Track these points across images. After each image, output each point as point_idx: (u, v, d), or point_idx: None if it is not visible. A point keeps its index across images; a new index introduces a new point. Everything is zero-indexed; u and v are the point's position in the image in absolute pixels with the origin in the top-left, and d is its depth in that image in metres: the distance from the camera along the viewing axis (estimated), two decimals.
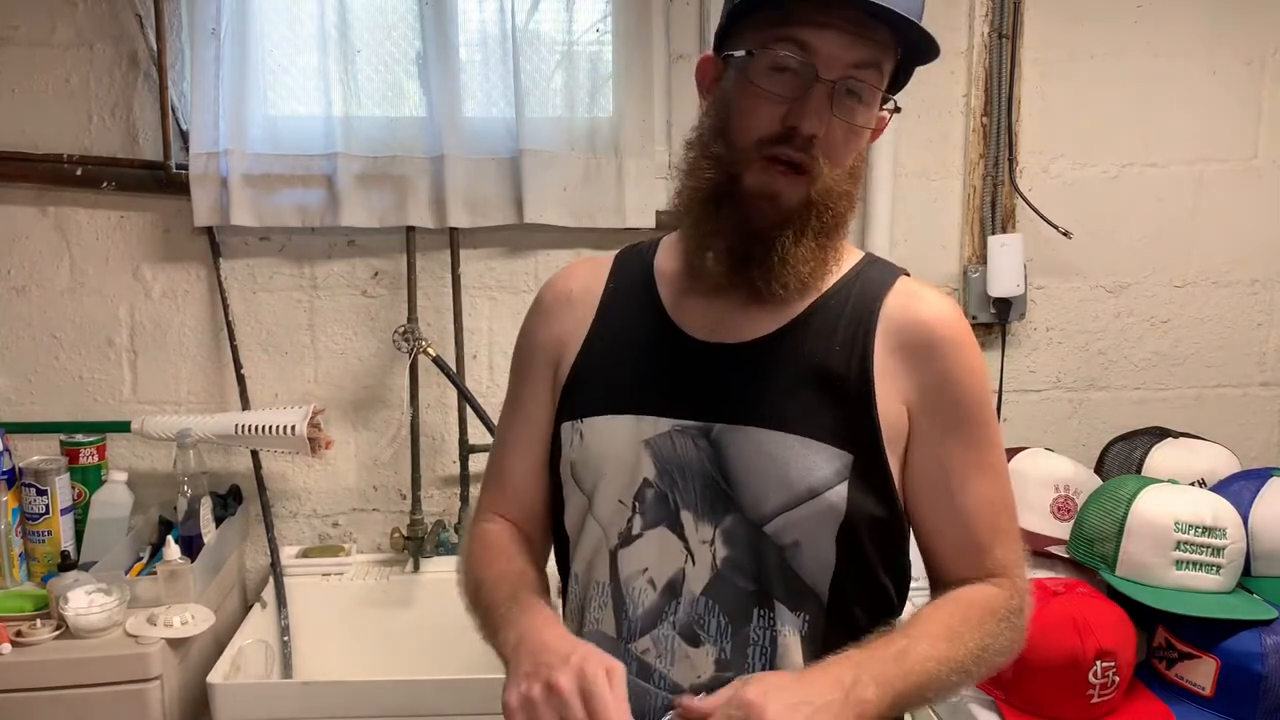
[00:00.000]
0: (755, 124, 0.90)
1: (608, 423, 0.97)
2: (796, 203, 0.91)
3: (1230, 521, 1.49)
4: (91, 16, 1.90)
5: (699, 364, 0.97)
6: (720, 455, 0.93)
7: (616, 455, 0.96)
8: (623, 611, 0.96)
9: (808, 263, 0.93)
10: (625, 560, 0.96)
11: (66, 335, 1.99)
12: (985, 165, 2.04)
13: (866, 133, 0.94)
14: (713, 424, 0.93)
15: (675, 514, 0.94)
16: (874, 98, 0.91)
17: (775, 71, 0.90)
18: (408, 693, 1.58)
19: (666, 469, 0.94)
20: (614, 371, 1.00)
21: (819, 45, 0.88)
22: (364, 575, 1.99)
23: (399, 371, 2.02)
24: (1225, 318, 2.12)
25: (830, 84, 0.88)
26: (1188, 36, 2.03)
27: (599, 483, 0.97)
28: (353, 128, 1.92)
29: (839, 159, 0.92)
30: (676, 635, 0.93)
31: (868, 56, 0.89)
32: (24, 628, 1.56)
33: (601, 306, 1.05)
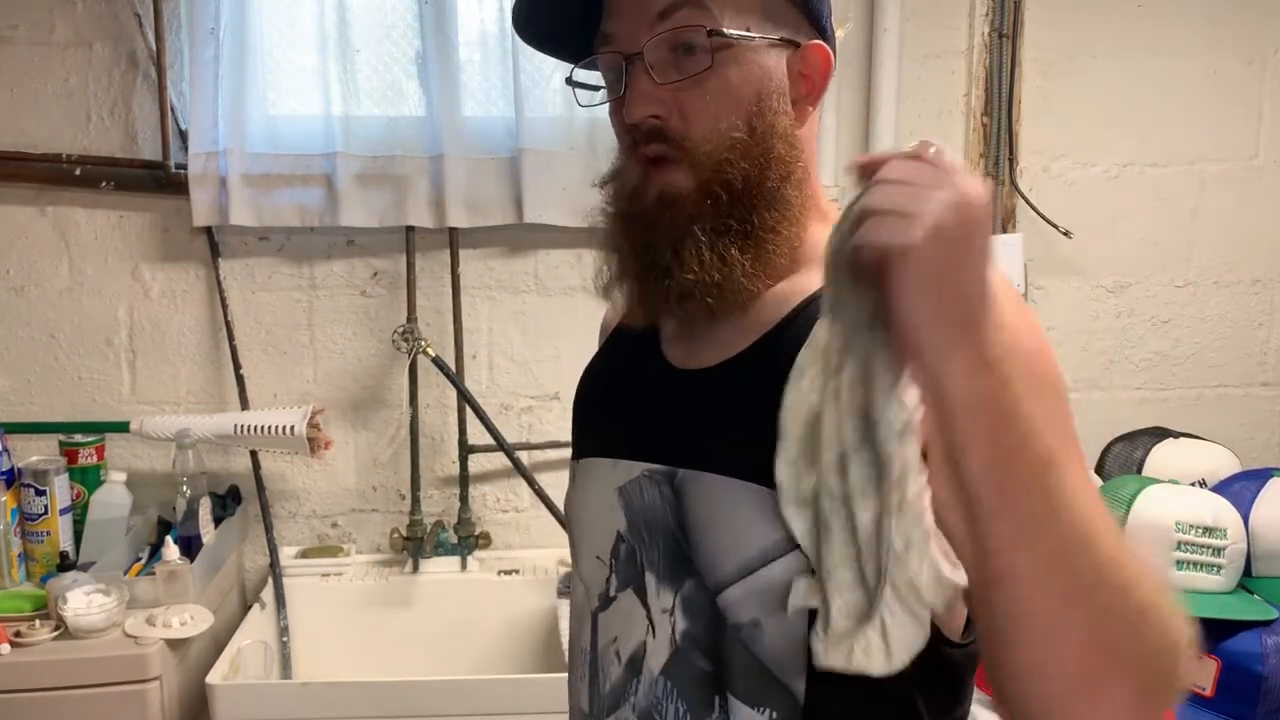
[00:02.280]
0: (619, 140, 0.80)
1: (593, 466, 0.85)
2: (686, 189, 0.75)
3: (1231, 522, 1.48)
4: (90, 16, 1.90)
5: (668, 394, 0.81)
6: (681, 506, 0.75)
7: (596, 505, 0.83)
8: (595, 685, 0.82)
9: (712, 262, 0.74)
10: (604, 626, 0.82)
11: (65, 335, 1.99)
12: (985, 165, 2.04)
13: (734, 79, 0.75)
14: (676, 469, 0.76)
15: (641, 574, 0.78)
16: (705, 37, 0.73)
17: (608, 76, 0.79)
18: (407, 693, 1.58)
19: (635, 521, 0.79)
20: (607, 406, 0.88)
21: (613, 27, 0.76)
22: (363, 576, 1.99)
23: (398, 371, 2.02)
24: (1226, 318, 2.12)
25: (638, 55, 0.74)
26: (1188, 36, 2.03)
27: (582, 535, 0.85)
28: (352, 127, 1.91)
29: (708, 120, 0.74)
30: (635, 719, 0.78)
31: (667, 2, 0.73)
32: (23, 628, 1.56)
33: (611, 335, 0.93)
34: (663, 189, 0.76)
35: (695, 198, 0.75)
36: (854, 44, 1.99)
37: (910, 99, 2.01)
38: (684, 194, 0.75)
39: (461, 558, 2.01)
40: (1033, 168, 2.05)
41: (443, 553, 2.02)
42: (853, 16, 1.98)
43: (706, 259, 0.74)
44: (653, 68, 0.75)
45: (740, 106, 0.75)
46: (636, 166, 0.78)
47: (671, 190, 0.76)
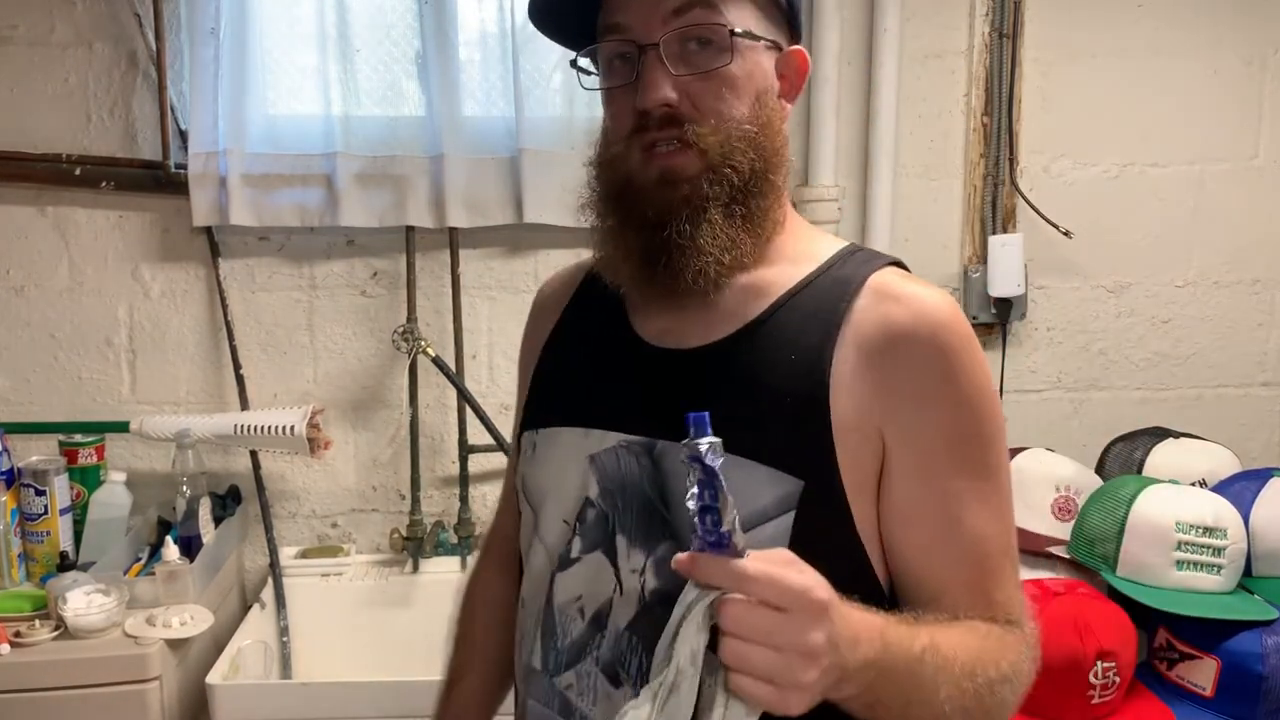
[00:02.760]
0: (620, 122, 0.84)
1: (558, 435, 0.89)
2: (692, 174, 0.81)
3: (1231, 522, 1.48)
4: (90, 16, 1.90)
5: (648, 373, 0.86)
6: (660, 475, 0.81)
7: (562, 471, 0.87)
8: (551, 641, 0.86)
9: (718, 239, 0.81)
10: (561, 585, 0.86)
11: (65, 335, 1.99)
12: (986, 165, 2.04)
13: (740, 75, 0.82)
14: (656, 440, 0.82)
15: (611, 538, 0.83)
16: (722, 35, 0.80)
17: (616, 62, 0.84)
18: (407, 693, 1.58)
19: (609, 488, 0.84)
20: (570, 379, 0.92)
21: (627, 18, 0.81)
22: (363, 576, 1.99)
23: (398, 371, 2.02)
24: (1226, 318, 2.12)
25: (655, 46, 0.80)
26: (1188, 36, 2.03)
27: (546, 499, 0.89)
28: (352, 127, 1.91)
29: (718, 113, 0.81)
30: (599, 672, 0.82)
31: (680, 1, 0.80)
32: (23, 628, 1.56)
33: (568, 308, 0.98)
34: (666, 171, 0.81)
35: (702, 182, 0.81)
36: (854, 44, 1.99)
37: (910, 99, 2.01)
38: (689, 177, 0.81)
39: (461, 558, 2.01)
40: (1033, 168, 2.05)
41: (443, 553, 2.02)
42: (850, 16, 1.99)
43: (720, 239, 0.81)
44: (669, 59, 0.80)
45: (745, 101, 0.82)
46: (637, 151, 0.83)
47: (676, 173, 0.81)
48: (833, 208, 1.98)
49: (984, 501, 0.82)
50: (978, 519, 0.81)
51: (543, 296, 1.03)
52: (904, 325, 0.80)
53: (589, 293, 0.96)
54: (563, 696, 0.85)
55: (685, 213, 0.81)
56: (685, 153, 0.81)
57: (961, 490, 0.81)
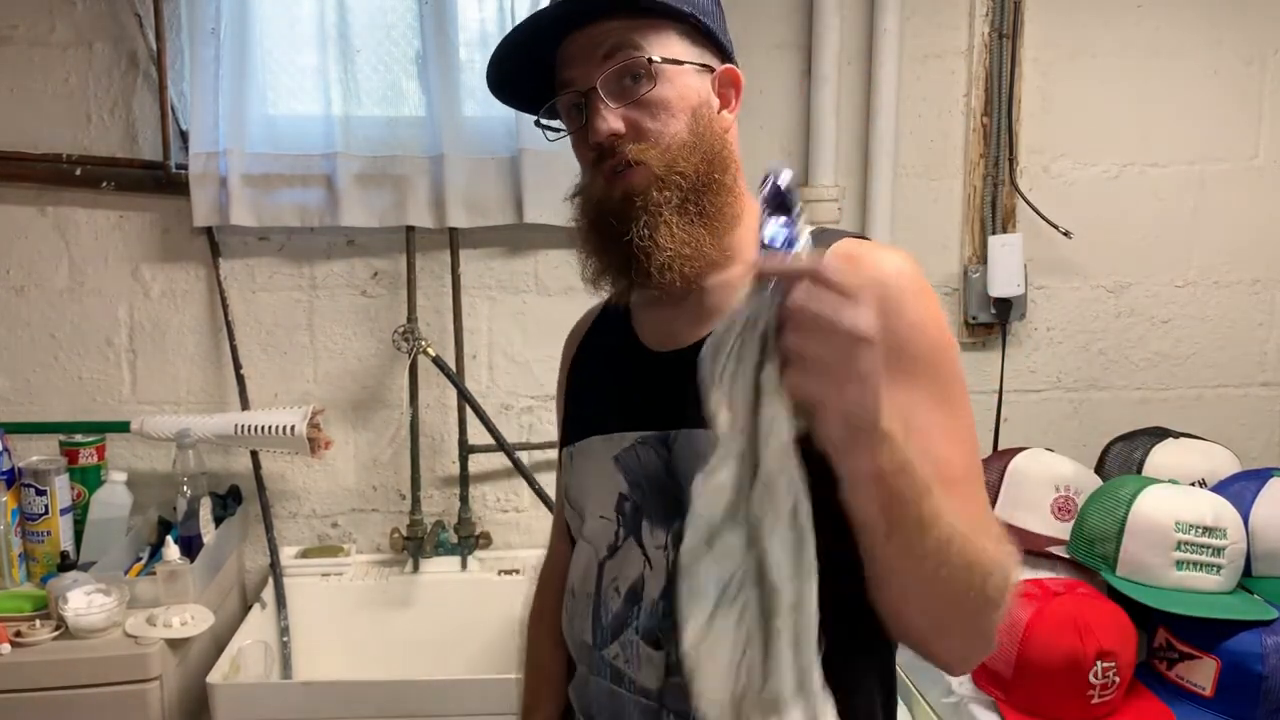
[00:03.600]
0: (583, 161, 0.96)
1: (588, 444, 1.02)
2: (646, 184, 0.91)
3: (1231, 522, 1.48)
4: (90, 16, 1.90)
5: (655, 375, 0.98)
6: (674, 461, 0.93)
7: (596, 474, 1.00)
8: (598, 620, 0.98)
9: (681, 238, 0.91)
10: (607, 571, 0.98)
11: (65, 335, 1.99)
12: (985, 165, 2.04)
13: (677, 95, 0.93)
14: (670, 431, 0.93)
15: (639, 524, 0.95)
16: (651, 68, 0.91)
17: (570, 113, 0.96)
18: (407, 693, 1.58)
19: (635, 481, 0.96)
20: (594, 393, 1.06)
21: (571, 72, 0.94)
22: (363, 576, 1.99)
23: (399, 371, 2.02)
24: (1226, 318, 2.12)
25: (594, 89, 0.92)
26: (1188, 36, 2.03)
27: (586, 503, 1.01)
28: (352, 127, 1.92)
29: (655, 131, 0.92)
30: (640, 640, 0.94)
31: (611, 44, 0.92)
32: (23, 628, 1.56)
33: (587, 335, 1.12)
34: (625, 189, 0.92)
35: (655, 191, 0.91)
36: (854, 44, 2.00)
37: (910, 99, 2.01)
38: (644, 189, 0.91)
39: (461, 558, 2.01)
40: (1033, 168, 2.05)
41: (443, 553, 2.02)
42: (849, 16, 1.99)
43: (678, 235, 0.91)
44: (607, 96, 0.92)
45: (681, 118, 0.93)
46: (600, 179, 0.94)
47: (633, 189, 0.92)
48: (833, 208, 1.98)
49: (949, 424, 0.87)
50: (943, 440, 0.86)
51: (570, 335, 1.16)
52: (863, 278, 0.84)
53: (603, 320, 1.11)
54: (612, 666, 0.96)
55: (643, 219, 0.91)
56: (636, 170, 0.92)
57: (925, 413, 0.85)
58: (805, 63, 2.00)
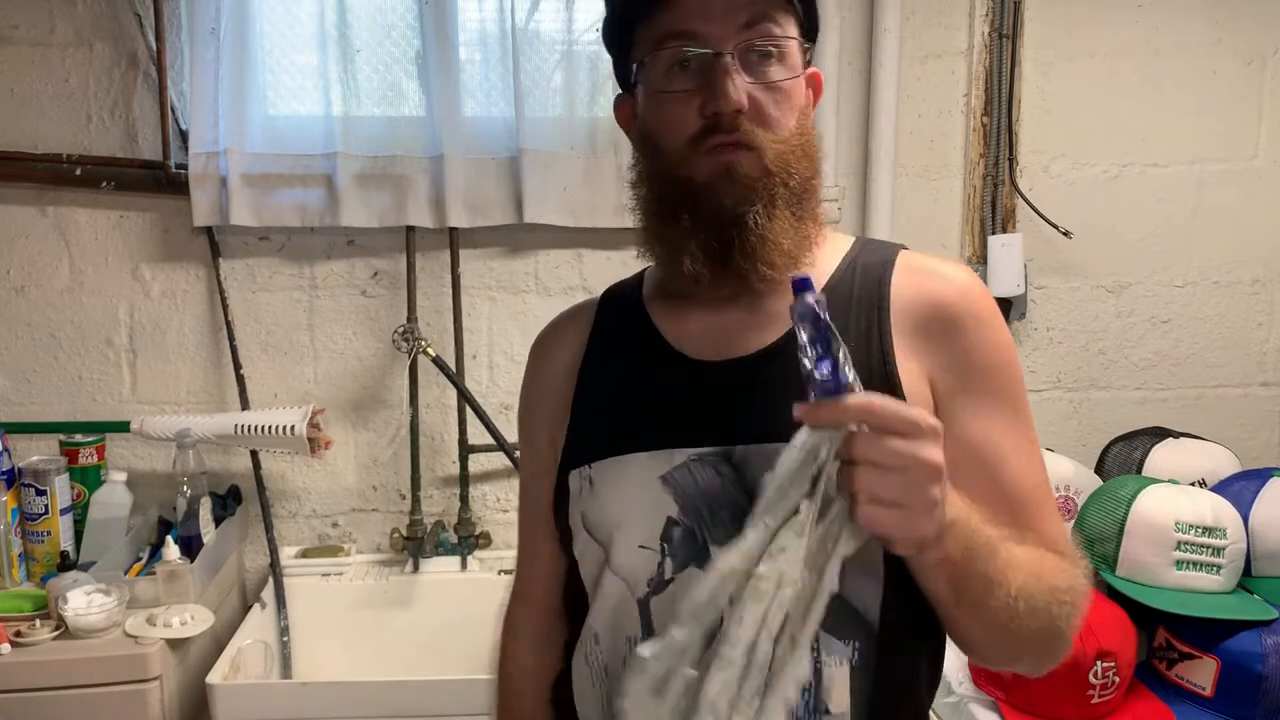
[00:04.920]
0: (680, 126, 0.86)
1: (618, 465, 0.89)
2: (756, 173, 0.85)
3: (1230, 522, 1.48)
4: (91, 16, 1.90)
5: (707, 386, 0.89)
6: (744, 479, 0.84)
7: (632, 497, 0.88)
8: None
9: (788, 236, 0.87)
10: (659, 609, 0.86)
11: (66, 335, 1.99)
12: (985, 165, 2.04)
13: (796, 88, 0.89)
14: (732, 447, 0.85)
15: (704, 550, 0.85)
16: (785, 50, 0.87)
17: (676, 69, 0.86)
18: (407, 693, 1.58)
19: (690, 504, 0.86)
20: (617, 410, 0.93)
21: (702, 26, 0.85)
22: (363, 575, 1.99)
23: (399, 371, 2.02)
24: (1226, 318, 2.12)
25: (730, 55, 0.84)
26: (1188, 37, 2.03)
27: (615, 531, 0.89)
28: (352, 127, 1.92)
29: (777, 123, 0.87)
30: None
31: (755, 14, 0.85)
32: (23, 628, 1.56)
33: (590, 349, 0.99)
34: (729, 165, 0.85)
35: (764, 178, 0.86)
36: (854, 44, 2.00)
37: (910, 99, 2.01)
38: (754, 175, 0.85)
39: (461, 557, 2.01)
40: (1033, 168, 2.05)
41: (443, 552, 2.02)
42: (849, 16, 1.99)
43: (789, 232, 0.87)
44: (742, 66, 0.85)
45: (793, 114, 0.88)
46: (700, 154, 0.86)
47: (740, 168, 0.85)
48: (833, 208, 1.98)
49: (1023, 444, 0.89)
50: (1019, 460, 0.88)
51: (548, 351, 1.03)
52: (944, 294, 0.89)
53: (608, 327, 0.99)
54: None
55: (760, 204, 0.85)
56: (748, 153, 0.85)
57: (1004, 433, 0.88)
58: None
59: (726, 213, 0.86)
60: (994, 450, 0.87)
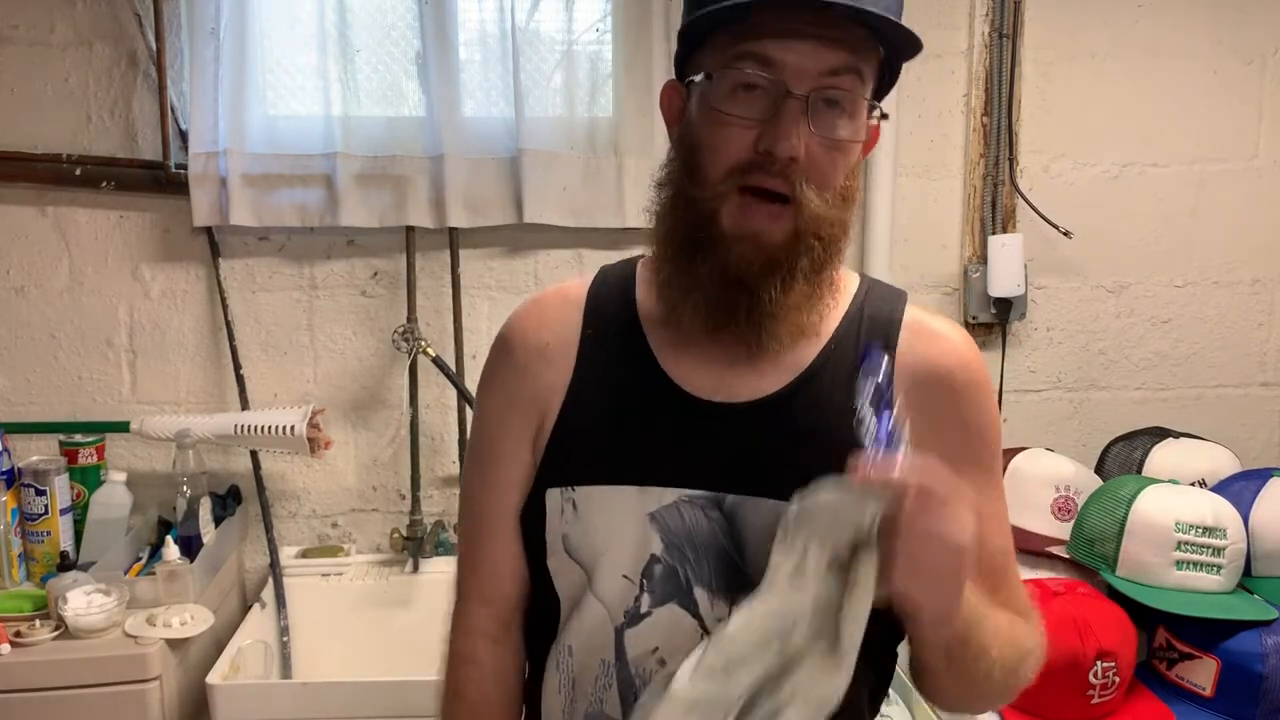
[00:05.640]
0: (726, 153, 0.81)
1: (606, 494, 0.87)
2: (782, 239, 0.81)
3: (1231, 522, 1.48)
4: (90, 16, 1.90)
5: (704, 427, 0.87)
6: (735, 528, 0.85)
7: (618, 529, 0.87)
8: (630, 692, 0.88)
9: (801, 309, 0.84)
10: (633, 640, 0.87)
11: (65, 335, 1.99)
12: (985, 165, 2.04)
13: (855, 148, 0.84)
14: (724, 494, 0.85)
15: (688, 590, 0.86)
16: (858, 106, 0.82)
17: (741, 91, 0.81)
18: (407, 693, 1.58)
19: (675, 543, 0.86)
20: (607, 435, 0.89)
21: (783, 56, 0.79)
22: (363, 576, 1.99)
23: (398, 371, 2.02)
24: (1226, 318, 2.12)
25: (803, 98, 0.79)
26: (1188, 36, 2.03)
27: (600, 558, 0.88)
28: (352, 127, 1.91)
29: (826, 180, 0.82)
30: None
31: (842, 62, 0.80)
32: (23, 628, 1.56)
33: (581, 357, 0.93)
34: (759, 233, 0.81)
35: (789, 245, 0.82)
36: None
37: (910, 99, 2.01)
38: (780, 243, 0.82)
39: None
40: (1033, 168, 2.05)
41: (443, 553, 2.02)
42: None
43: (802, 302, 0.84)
44: (812, 114, 0.80)
45: (842, 174, 0.84)
46: (735, 192, 0.82)
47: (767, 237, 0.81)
48: None
49: (998, 509, 0.92)
50: (993, 525, 0.88)
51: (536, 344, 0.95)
52: (943, 364, 0.89)
53: (600, 336, 0.93)
54: None
55: (777, 278, 0.82)
56: (779, 218, 0.81)
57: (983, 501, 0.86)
58: None
59: (742, 280, 0.82)
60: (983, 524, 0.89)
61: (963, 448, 0.88)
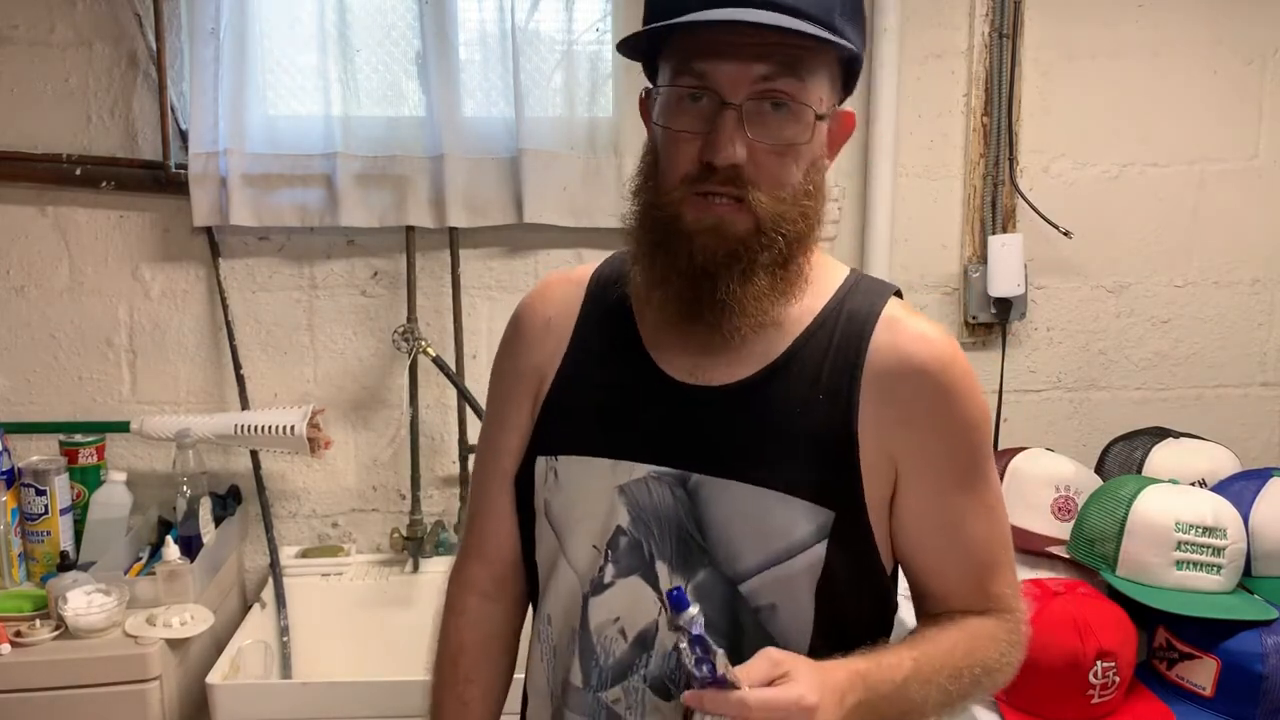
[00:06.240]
0: (677, 164, 0.85)
1: (583, 465, 0.92)
2: (743, 232, 0.84)
3: (1231, 522, 1.48)
4: (91, 16, 1.90)
5: (678, 407, 0.90)
6: (697, 507, 0.88)
7: (591, 500, 0.91)
8: (591, 660, 0.92)
9: (761, 302, 0.86)
10: (596, 608, 0.92)
11: (65, 335, 1.99)
12: (985, 165, 2.04)
13: (806, 147, 0.85)
14: (690, 473, 0.88)
15: (650, 564, 0.89)
16: (802, 107, 0.83)
17: (687, 103, 0.84)
18: (407, 693, 1.57)
19: (641, 516, 0.89)
20: (590, 408, 0.94)
21: (716, 68, 0.82)
22: (363, 575, 1.99)
23: (398, 371, 2.02)
24: (1226, 318, 2.12)
25: (738, 107, 0.82)
26: (1188, 36, 2.02)
27: (573, 526, 0.93)
28: (352, 127, 1.92)
29: (777, 181, 0.84)
30: (647, 688, 0.90)
31: (774, 69, 0.82)
32: (23, 628, 1.56)
33: (576, 332, 0.98)
34: (719, 223, 0.84)
35: (750, 238, 0.84)
36: None
37: (910, 99, 2.01)
38: (740, 235, 0.84)
39: None
40: (1033, 168, 2.05)
41: (443, 552, 2.02)
42: None
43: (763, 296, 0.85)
44: (747, 120, 0.82)
45: (800, 171, 0.85)
46: (689, 198, 0.85)
47: (727, 226, 0.84)
48: (833, 208, 1.98)
49: (984, 511, 0.92)
50: (978, 527, 0.92)
51: (541, 318, 1.01)
52: (918, 362, 0.88)
53: (596, 316, 0.98)
54: (609, 709, 0.92)
55: (737, 269, 0.84)
56: (740, 210, 0.84)
57: (965, 505, 0.91)
58: None
59: (704, 269, 0.85)
60: (954, 516, 0.91)
61: (938, 445, 0.89)
